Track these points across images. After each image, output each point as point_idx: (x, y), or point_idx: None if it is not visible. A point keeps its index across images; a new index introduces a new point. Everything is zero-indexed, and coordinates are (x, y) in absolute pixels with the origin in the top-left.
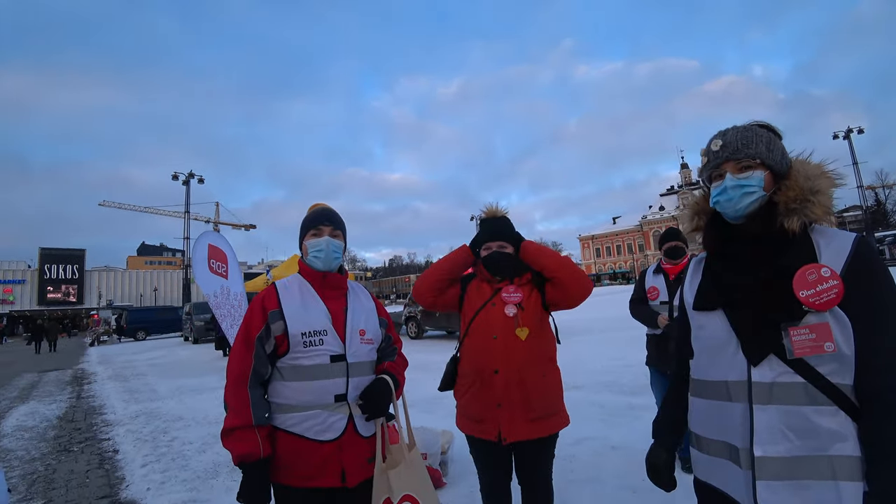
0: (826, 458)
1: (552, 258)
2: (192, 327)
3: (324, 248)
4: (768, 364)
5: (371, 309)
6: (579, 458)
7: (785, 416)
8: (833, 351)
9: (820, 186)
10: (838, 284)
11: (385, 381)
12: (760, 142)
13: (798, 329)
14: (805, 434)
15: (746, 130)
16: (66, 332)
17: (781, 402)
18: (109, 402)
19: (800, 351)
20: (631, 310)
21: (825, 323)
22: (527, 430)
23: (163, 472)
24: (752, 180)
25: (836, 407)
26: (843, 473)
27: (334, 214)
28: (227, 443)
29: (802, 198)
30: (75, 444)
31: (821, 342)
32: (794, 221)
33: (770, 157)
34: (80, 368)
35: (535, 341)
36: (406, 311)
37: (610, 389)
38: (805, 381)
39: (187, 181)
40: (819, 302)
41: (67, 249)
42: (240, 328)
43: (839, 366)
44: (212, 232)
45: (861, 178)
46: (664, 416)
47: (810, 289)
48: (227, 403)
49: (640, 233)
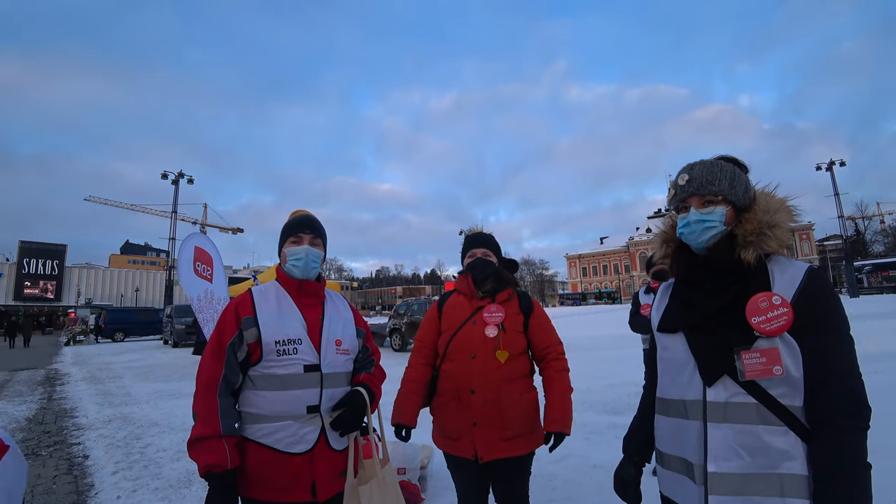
0: (776, 475)
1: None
2: (172, 330)
3: (302, 257)
4: (722, 385)
5: (349, 319)
6: (560, 477)
7: (738, 434)
8: (782, 374)
9: (778, 220)
10: (788, 312)
11: (360, 394)
12: (724, 178)
13: (749, 353)
14: (756, 452)
15: (712, 166)
16: (40, 330)
17: (734, 422)
18: (82, 405)
19: (750, 374)
20: (630, 323)
21: (775, 348)
22: (502, 449)
23: (134, 479)
24: (714, 216)
25: (787, 428)
26: (791, 491)
27: (315, 222)
28: (194, 453)
29: (759, 231)
30: (44, 447)
31: (770, 366)
32: (749, 253)
33: (732, 193)
34: (53, 368)
35: (515, 363)
36: (391, 323)
37: (593, 408)
38: (757, 402)
39: (177, 180)
40: (769, 328)
41: (48, 244)
42: (212, 334)
43: (789, 389)
44: (199, 234)
45: (842, 209)
46: (634, 431)
47: (762, 315)
48: (196, 412)
49: (627, 254)
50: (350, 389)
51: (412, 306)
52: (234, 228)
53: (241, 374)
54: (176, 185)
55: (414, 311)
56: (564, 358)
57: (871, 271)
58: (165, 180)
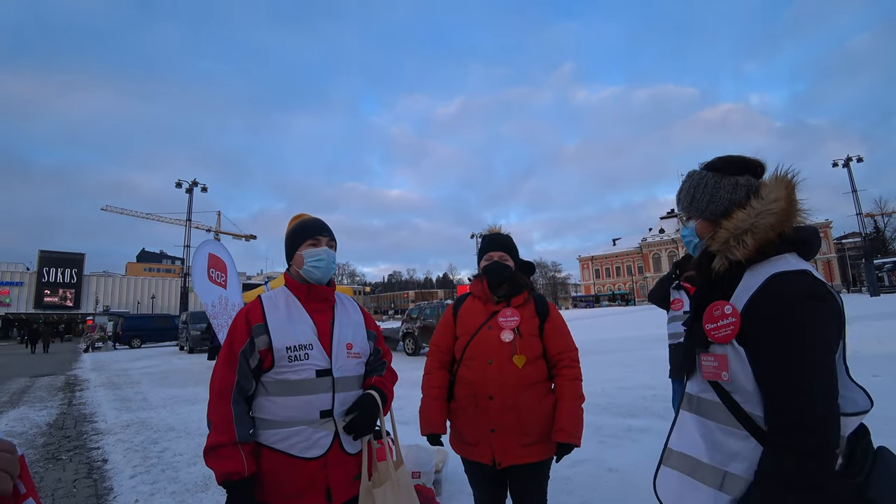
0: (722, 471)
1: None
2: (187, 336)
3: (324, 258)
4: (696, 380)
5: (359, 322)
6: (575, 481)
7: (701, 426)
8: (727, 380)
9: (755, 224)
10: (735, 322)
11: (372, 397)
12: (686, 195)
13: (706, 356)
14: (712, 446)
15: (684, 182)
16: (58, 337)
17: (701, 414)
18: (101, 410)
19: (706, 374)
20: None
21: (724, 354)
22: (520, 455)
23: (152, 483)
24: (687, 231)
25: (748, 433)
26: (729, 488)
27: (328, 226)
28: (211, 461)
29: (724, 240)
30: (64, 452)
31: (720, 370)
32: (716, 262)
33: (693, 207)
34: (72, 374)
35: (532, 368)
36: (403, 327)
37: (608, 411)
38: (720, 401)
39: (190, 189)
40: (717, 335)
41: (67, 253)
42: (224, 342)
43: (745, 396)
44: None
45: (860, 206)
46: None
47: (714, 323)
48: (210, 420)
49: (640, 255)
50: (362, 393)
51: (425, 310)
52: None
53: (254, 381)
54: (190, 194)
55: (427, 315)
56: (578, 366)
57: (891, 269)
58: (180, 189)
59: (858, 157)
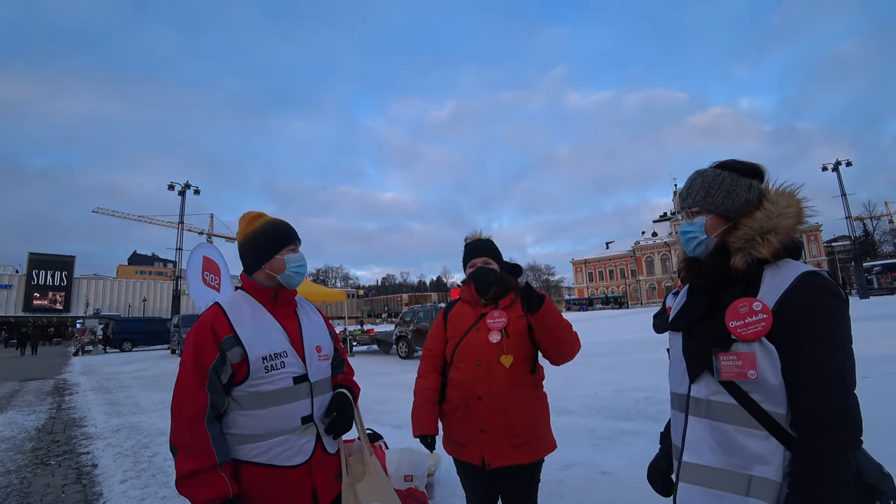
0: (746, 476)
1: (557, 333)
2: (179, 340)
3: (304, 264)
4: (704, 382)
5: (321, 324)
6: (567, 484)
7: (714, 430)
8: (755, 378)
9: (777, 225)
10: (767, 318)
11: (345, 396)
12: (699, 190)
13: (727, 355)
14: (731, 451)
15: (693, 178)
16: (48, 341)
17: (714, 419)
18: (90, 415)
19: (726, 375)
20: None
21: (751, 352)
22: (510, 456)
23: (142, 488)
24: (693, 227)
25: (768, 433)
26: (757, 492)
27: None
28: (190, 488)
29: (749, 237)
30: (53, 457)
31: (745, 369)
32: (738, 259)
33: (708, 202)
34: (62, 378)
35: (520, 368)
36: (397, 330)
37: (601, 414)
38: (737, 403)
39: (183, 191)
40: (745, 333)
41: (57, 255)
42: (185, 358)
43: (768, 394)
44: (208, 244)
45: (849, 209)
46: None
47: (740, 320)
48: (181, 445)
49: (633, 258)
50: (335, 392)
51: (418, 314)
52: None
53: (226, 398)
54: (182, 196)
55: (420, 318)
56: None
57: (881, 272)
58: (172, 191)
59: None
